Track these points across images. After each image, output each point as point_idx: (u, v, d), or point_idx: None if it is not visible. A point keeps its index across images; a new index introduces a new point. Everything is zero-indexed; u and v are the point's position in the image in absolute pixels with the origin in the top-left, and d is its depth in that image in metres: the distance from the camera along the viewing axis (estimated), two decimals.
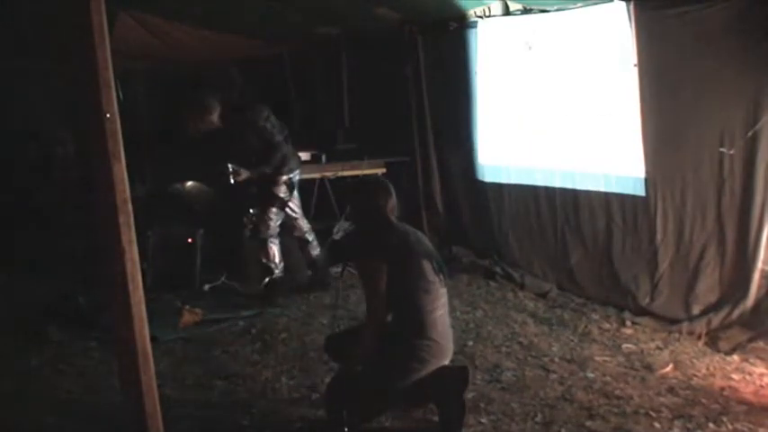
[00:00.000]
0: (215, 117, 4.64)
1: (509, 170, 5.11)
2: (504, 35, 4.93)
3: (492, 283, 5.02)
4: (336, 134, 6.45)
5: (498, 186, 5.23)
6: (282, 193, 4.79)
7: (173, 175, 5.78)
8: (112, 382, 3.15)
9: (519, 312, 4.41)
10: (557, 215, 4.77)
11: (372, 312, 2.88)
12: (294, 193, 4.94)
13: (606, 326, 4.09)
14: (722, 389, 3.22)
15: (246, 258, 5.18)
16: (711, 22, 3.63)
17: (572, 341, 3.89)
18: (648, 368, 3.48)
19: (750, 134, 3.55)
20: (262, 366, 3.71)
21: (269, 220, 4.78)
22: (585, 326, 4.09)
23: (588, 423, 2.93)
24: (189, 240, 5.17)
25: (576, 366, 3.53)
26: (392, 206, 3.01)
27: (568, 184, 4.64)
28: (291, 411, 3.18)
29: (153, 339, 2.55)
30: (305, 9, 5.35)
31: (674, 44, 3.83)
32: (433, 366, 2.86)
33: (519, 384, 3.34)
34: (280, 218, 4.84)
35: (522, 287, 4.85)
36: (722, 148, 3.68)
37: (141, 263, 2.46)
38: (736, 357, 3.54)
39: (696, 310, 3.90)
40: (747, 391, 3.19)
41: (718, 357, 3.56)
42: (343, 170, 5.91)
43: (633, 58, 4.00)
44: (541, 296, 4.67)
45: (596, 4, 4.21)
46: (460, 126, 5.44)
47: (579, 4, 4.33)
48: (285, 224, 4.92)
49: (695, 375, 3.38)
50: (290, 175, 4.81)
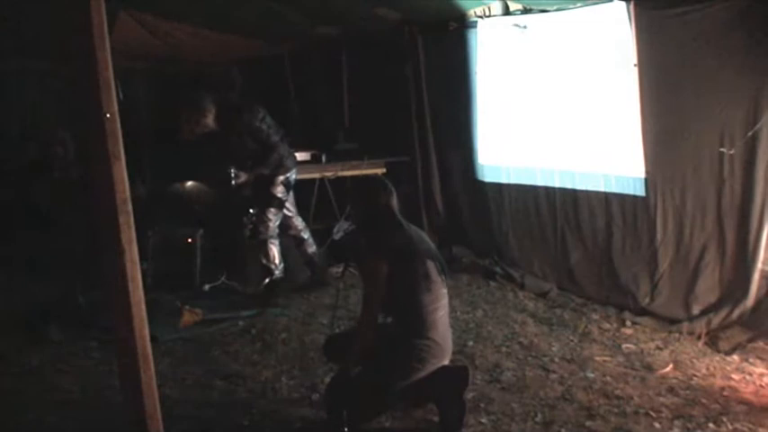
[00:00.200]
0: (210, 120, 4.64)
1: (509, 170, 5.11)
2: (505, 35, 4.92)
3: (492, 283, 5.02)
4: (336, 134, 6.44)
5: (498, 186, 5.23)
6: (280, 193, 4.80)
7: (173, 175, 5.78)
8: (112, 382, 3.17)
9: (519, 312, 4.41)
10: (557, 215, 4.77)
11: (368, 310, 2.88)
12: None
13: (606, 326, 4.09)
14: (722, 389, 3.22)
15: (246, 258, 5.18)
16: (711, 22, 3.64)
17: (572, 341, 3.89)
18: (648, 368, 3.48)
19: (750, 134, 3.56)
20: (262, 366, 3.71)
21: (268, 221, 4.78)
22: (585, 326, 4.10)
23: (588, 423, 2.93)
24: (189, 240, 5.17)
25: (576, 366, 3.54)
26: (395, 204, 3.02)
27: (568, 184, 4.64)
28: (291, 411, 3.18)
29: (153, 339, 2.55)
30: (305, 9, 5.35)
31: (674, 44, 3.83)
32: (432, 366, 2.87)
33: (519, 384, 3.34)
34: (279, 218, 4.85)
35: (522, 287, 4.85)
36: (722, 148, 3.68)
37: (141, 263, 2.46)
38: (736, 357, 3.54)
39: (696, 310, 3.90)
40: (747, 391, 3.20)
41: (718, 357, 3.57)
42: (343, 170, 5.90)
43: (633, 58, 4.00)
44: (541, 296, 4.67)
45: (596, 4, 4.21)
46: (460, 126, 5.44)
47: (579, 4, 4.33)
48: (281, 223, 4.92)
49: (695, 375, 3.38)
50: (286, 174, 4.82)
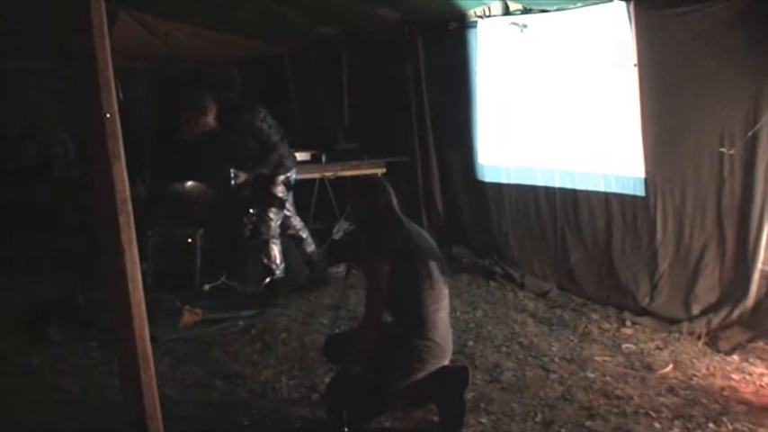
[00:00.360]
0: (210, 119, 4.64)
1: (509, 170, 5.11)
2: (505, 35, 4.92)
3: (492, 283, 5.02)
4: (336, 134, 6.44)
5: (498, 186, 5.22)
6: (281, 192, 4.80)
7: (173, 175, 5.78)
8: (112, 382, 3.17)
9: (519, 312, 4.41)
10: (557, 215, 4.77)
11: (371, 310, 2.89)
12: None
13: (606, 326, 4.09)
14: (722, 389, 3.22)
15: (246, 258, 5.18)
16: (711, 22, 3.63)
17: (572, 341, 3.89)
18: (648, 368, 3.48)
19: (750, 134, 3.55)
20: (262, 366, 3.71)
21: (269, 221, 4.78)
22: (585, 326, 4.10)
23: (588, 423, 2.93)
24: (189, 240, 5.17)
25: (576, 366, 3.54)
26: (395, 203, 3.02)
27: (568, 184, 4.64)
28: (291, 411, 3.18)
29: (153, 339, 2.55)
30: (305, 9, 5.35)
31: (674, 44, 3.83)
32: (432, 367, 2.87)
33: (519, 384, 3.34)
34: (280, 218, 4.85)
35: (522, 287, 4.85)
36: (722, 148, 3.68)
37: (141, 263, 2.46)
38: (736, 357, 3.54)
39: (696, 310, 3.90)
40: (747, 391, 3.20)
41: (718, 357, 3.57)
42: (343, 170, 5.90)
43: (633, 58, 4.00)
44: (541, 296, 4.67)
45: (596, 4, 4.21)
46: (460, 126, 5.44)
47: (579, 4, 4.33)
48: (281, 223, 4.92)
49: (695, 375, 3.38)
50: (287, 174, 4.82)
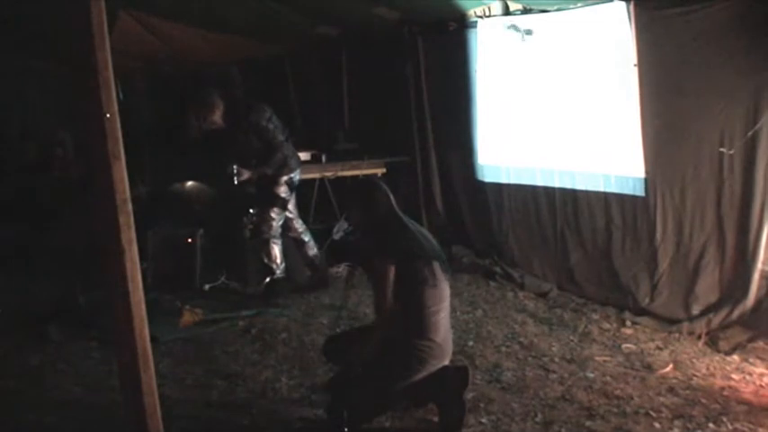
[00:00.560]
0: (218, 116, 4.64)
1: (509, 170, 5.11)
2: (505, 35, 4.92)
3: (492, 283, 5.02)
4: (336, 134, 6.44)
5: (498, 186, 5.22)
6: (284, 193, 4.80)
7: (173, 175, 5.78)
8: (112, 382, 3.17)
9: (519, 312, 4.41)
10: (556, 215, 4.77)
11: (381, 312, 2.88)
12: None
13: (606, 326, 4.09)
14: (722, 389, 3.22)
15: (246, 258, 5.18)
16: (711, 22, 3.63)
17: (572, 341, 3.89)
18: (648, 368, 3.48)
19: (750, 134, 3.55)
20: (262, 366, 3.71)
21: (271, 221, 4.78)
22: (585, 326, 4.10)
23: (588, 423, 2.93)
24: (189, 240, 5.17)
25: (576, 366, 3.54)
26: (395, 204, 3.02)
27: (568, 184, 4.64)
28: (291, 411, 3.18)
29: (153, 339, 2.55)
30: (305, 9, 5.35)
31: (674, 44, 3.83)
32: (432, 367, 2.87)
33: (519, 384, 3.34)
34: (282, 218, 4.85)
35: (522, 287, 4.85)
36: (722, 148, 3.68)
37: (141, 263, 2.46)
38: (736, 357, 3.54)
39: (696, 310, 3.90)
40: (747, 391, 3.19)
41: (718, 357, 3.57)
42: (343, 170, 5.90)
43: (633, 58, 4.00)
44: (541, 296, 4.67)
45: (596, 4, 4.21)
46: (460, 126, 5.44)
47: (579, 4, 4.33)
48: (282, 224, 4.92)
49: (695, 375, 3.38)
50: (290, 174, 4.82)
